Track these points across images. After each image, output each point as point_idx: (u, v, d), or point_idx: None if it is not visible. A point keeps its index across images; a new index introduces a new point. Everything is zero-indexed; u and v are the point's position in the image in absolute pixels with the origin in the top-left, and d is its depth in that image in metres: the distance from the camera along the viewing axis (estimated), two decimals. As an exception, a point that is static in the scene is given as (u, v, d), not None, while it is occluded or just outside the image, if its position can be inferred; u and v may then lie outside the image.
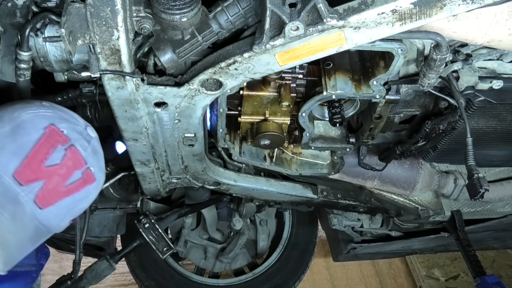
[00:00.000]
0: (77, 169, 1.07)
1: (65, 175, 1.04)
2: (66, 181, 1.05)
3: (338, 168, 1.83)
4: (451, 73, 1.36)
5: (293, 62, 1.13)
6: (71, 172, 1.06)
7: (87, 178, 1.10)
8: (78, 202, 1.11)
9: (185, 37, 1.12)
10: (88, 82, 1.54)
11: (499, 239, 2.64)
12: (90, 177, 1.10)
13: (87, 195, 1.12)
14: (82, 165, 1.08)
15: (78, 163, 1.07)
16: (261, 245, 2.91)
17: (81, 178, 1.08)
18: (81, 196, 1.10)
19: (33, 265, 1.48)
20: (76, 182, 1.07)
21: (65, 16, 0.96)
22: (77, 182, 1.07)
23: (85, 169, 1.09)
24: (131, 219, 2.39)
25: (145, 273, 2.75)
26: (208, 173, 1.73)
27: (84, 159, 1.08)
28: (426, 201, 2.17)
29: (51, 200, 1.03)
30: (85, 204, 1.14)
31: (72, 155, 1.06)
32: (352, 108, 1.52)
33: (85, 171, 1.09)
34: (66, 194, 1.06)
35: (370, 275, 3.70)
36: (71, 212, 1.11)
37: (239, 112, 1.54)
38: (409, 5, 0.99)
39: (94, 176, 1.12)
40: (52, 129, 1.05)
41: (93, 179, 1.11)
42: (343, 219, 2.46)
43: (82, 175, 1.08)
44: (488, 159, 1.77)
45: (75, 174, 1.06)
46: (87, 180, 1.10)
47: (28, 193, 1.00)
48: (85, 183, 1.09)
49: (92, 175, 1.11)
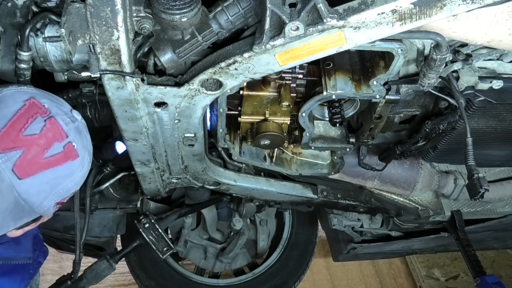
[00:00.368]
0: (57, 141, 1.06)
1: (44, 145, 1.03)
2: (46, 152, 1.04)
3: (338, 168, 1.83)
4: (451, 73, 1.36)
5: (293, 62, 1.13)
6: (51, 143, 1.05)
7: (69, 152, 1.08)
8: (61, 180, 1.09)
9: (185, 37, 1.12)
10: (88, 82, 1.54)
11: (499, 239, 2.64)
12: (72, 152, 1.09)
13: (70, 173, 1.10)
14: (63, 137, 1.07)
15: (58, 135, 1.06)
16: (261, 245, 2.91)
17: (62, 152, 1.07)
18: (63, 172, 1.08)
19: (29, 258, 1.47)
20: (56, 155, 1.06)
21: (65, 16, 0.96)
22: (58, 155, 1.06)
23: (67, 143, 1.08)
24: (131, 219, 2.40)
25: (145, 273, 2.75)
26: (208, 173, 1.73)
27: (65, 132, 1.08)
28: (426, 201, 2.17)
29: (30, 170, 1.02)
30: (69, 183, 1.12)
31: (52, 126, 1.05)
32: (352, 108, 1.52)
33: (67, 145, 1.08)
34: (46, 166, 1.04)
35: (370, 275, 3.70)
36: (54, 190, 1.09)
37: (239, 112, 1.54)
38: (409, 5, 0.99)
39: (76, 152, 1.10)
40: (32, 102, 1.05)
41: (75, 155, 1.10)
42: (343, 219, 2.46)
43: (63, 149, 1.07)
44: (488, 159, 1.77)
45: (55, 146, 1.05)
46: (69, 155, 1.08)
47: (6, 161, 0.99)
48: (67, 157, 1.08)
49: (74, 151, 1.09)
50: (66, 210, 2.17)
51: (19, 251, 1.44)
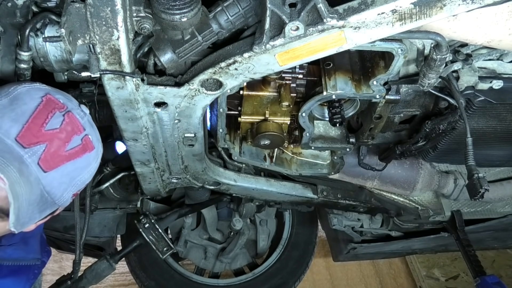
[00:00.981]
0: (76, 134, 1.10)
1: (65, 139, 1.07)
2: (67, 145, 1.08)
3: (338, 168, 1.83)
4: (451, 73, 1.36)
5: (293, 62, 1.13)
6: (71, 136, 1.09)
7: (86, 145, 1.13)
8: (79, 171, 1.13)
9: (185, 37, 1.12)
10: (88, 82, 1.54)
11: (499, 239, 2.65)
12: (89, 144, 1.13)
13: (87, 164, 1.14)
14: (81, 131, 1.11)
15: (76, 128, 1.10)
16: (261, 245, 2.92)
17: (81, 145, 1.11)
18: (81, 164, 1.12)
19: (38, 259, 1.49)
20: (76, 147, 1.10)
21: (65, 16, 0.96)
22: (77, 148, 1.10)
23: (84, 136, 1.12)
24: (131, 219, 2.40)
25: (145, 273, 2.75)
26: (208, 173, 1.73)
27: (82, 125, 1.12)
28: (426, 201, 2.17)
29: (54, 163, 1.05)
30: (86, 175, 1.16)
31: (70, 120, 1.10)
32: (352, 108, 1.52)
33: (84, 137, 1.12)
34: (68, 159, 1.08)
35: (370, 275, 3.70)
36: (73, 182, 1.12)
37: (239, 112, 1.54)
38: (409, 5, 0.99)
39: (92, 144, 1.15)
40: (48, 98, 1.09)
41: (92, 147, 1.14)
42: (343, 219, 2.46)
43: (81, 142, 1.11)
44: (488, 159, 1.77)
45: (74, 139, 1.09)
46: (86, 147, 1.13)
47: (32, 155, 1.02)
48: (85, 150, 1.12)
49: (91, 143, 1.14)
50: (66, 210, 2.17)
51: (28, 252, 1.45)
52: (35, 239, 1.50)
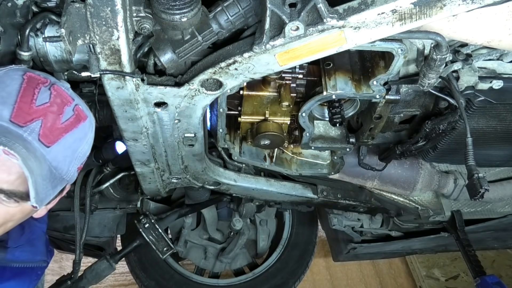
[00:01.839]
0: (67, 105, 1.10)
1: (58, 111, 1.07)
2: (61, 117, 1.07)
3: (338, 168, 1.83)
4: (451, 73, 1.36)
5: (293, 62, 1.13)
6: (62, 108, 1.08)
7: (79, 114, 1.13)
8: (79, 142, 1.13)
9: (185, 37, 1.12)
10: (88, 82, 1.54)
11: (499, 239, 2.65)
12: (81, 113, 1.14)
13: (84, 134, 1.15)
14: (70, 101, 1.11)
15: (66, 100, 1.10)
16: (261, 245, 2.92)
17: (74, 115, 1.11)
18: (79, 134, 1.12)
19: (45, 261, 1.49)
20: (71, 118, 1.10)
21: (65, 16, 0.96)
22: (72, 119, 1.10)
23: (75, 106, 1.12)
24: (131, 219, 2.40)
25: (145, 273, 2.75)
26: (208, 173, 1.73)
27: (70, 96, 1.12)
28: (426, 201, 2.17)
29: (54, 137, 1.05)
30: (85, 146, 1.16)
31: (58, 92, 1.09)
32: (352, 108, 1.52)
33: (75, 107, 1.12)
34: (66, 130, 1.08)
35: (370, 275, 3.70)
36: (75, 154, 1.12)
37: (239, 112, 1.54)
38: (409, 5, 0.99)
39: (85, 113, 1.15)
40: (29, 75, 1.08)
41: (84, 116, 1.14)
42: (343, 219, 2.46)
43: (74, 112, 1.11)
44: (488, 159, 1.77)
45: (67, 111, 1.09)
46: (80, 116, 1.13)
47: (31, 132, 1.02)
48: (79, 119, 1.12)
49: (82, 112, 1.14)
50: (66, 210, 2.18)
51: (35, 253, 1.46)
52: (41, 240, 1.50)
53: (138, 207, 2.28)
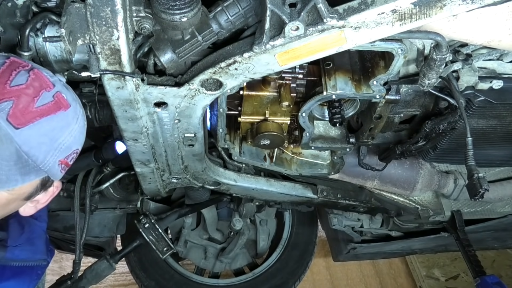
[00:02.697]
0: (45, 90, 1.06)
1: (33, 94, 1.03)
2: (36, 100, 1.03)
3: (338, 168, 1.83)
4: (451, 73, 1.36)
5: (293, 62, 1.13)
6: (39, 92, 1.04)
7: (59, 101, 1.07)
8: (59, 132, 1.08)
9: (185, 37, 1.12)
10: (88, 82, 1.54)
11: (499, 239, 2.65)
12: (62, 101, 1.08)
13: (66, 124, 1.09)
14: (50, 87, 1.07)
15: (45, 84, 1.06)
16: (261, 245, 2.91)
17: (53, 101, 1.06)
18: (58, 123, 1.07)
19: (45, 260, 1.48)
20: (48, 103, 1.05)
21: (65, 16, 0.96)
22: (49, 104, 1.05)
23: (55, 93, 1.07)
24: (131, 219, 2.40)
25: (145, 273, 2.75)
26: (208, 173, 1.73)
27: (51, 82, 1.07)
28: (426, 201, 2.17)
29: (25, 120, 1.01)
30: (67, 137, 1.10)
31: (37, 76, 1.06)
32: (352, 108, 1.52)
33: (56, 94, 1.07)
34: (40, 115, 1.04)
35: (370, 275, 3.70)
36: (54, 144, 1.07)
37: (239, 112, 1.54)
38: (409, 5, 0.99)
39: (67, 102, 1.09)
40: (12, 60, 1.06)
41: (67, 105, 1.09)
42: (343, 219, 2.46)
43: (53, 98, 1.06)
44: (488, 159, 1.77)
45: (44, 95, 1.05)
46: (60, 104, 1.07)
47: None
48: (59, 107, 1.07)
49: (65, 100, 1.09)
50: (66, 210, 2.19)
51: (35, 252, 1.45)
52: (41, 239, 1.50)
53: (138, 207, 2.28)
